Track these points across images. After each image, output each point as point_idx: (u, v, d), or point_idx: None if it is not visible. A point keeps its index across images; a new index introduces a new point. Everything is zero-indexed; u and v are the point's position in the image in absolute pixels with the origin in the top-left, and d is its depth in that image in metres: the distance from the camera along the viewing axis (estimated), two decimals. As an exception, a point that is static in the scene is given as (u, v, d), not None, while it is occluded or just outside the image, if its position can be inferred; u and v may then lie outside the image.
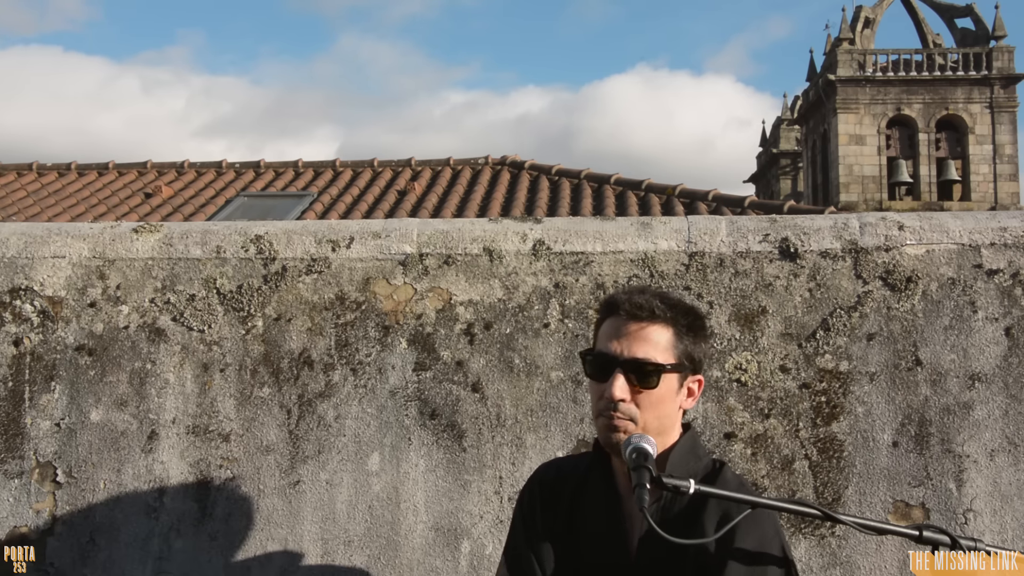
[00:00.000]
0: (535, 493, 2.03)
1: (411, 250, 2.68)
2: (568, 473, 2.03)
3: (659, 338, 1.86)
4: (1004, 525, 2.49)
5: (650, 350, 1.85)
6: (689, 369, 1.90)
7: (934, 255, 2.58)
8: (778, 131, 43.59)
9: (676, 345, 1.87)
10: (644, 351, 1.84)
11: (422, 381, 2.62)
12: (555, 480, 2.03)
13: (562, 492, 2.00)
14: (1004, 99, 32.70)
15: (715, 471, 1.91)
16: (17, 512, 2.63)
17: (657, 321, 1.86)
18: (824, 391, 2.54)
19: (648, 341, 1.85)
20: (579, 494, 1.98)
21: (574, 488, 1.99)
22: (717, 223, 2.65)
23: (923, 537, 1.73)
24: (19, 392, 2.66)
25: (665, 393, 1.86)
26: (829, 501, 2.51)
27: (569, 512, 1.97)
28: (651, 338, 1.85)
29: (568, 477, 2.02)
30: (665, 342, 1.86)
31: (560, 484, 2.01)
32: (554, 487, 2.02)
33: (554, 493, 2.01)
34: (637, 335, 1.85)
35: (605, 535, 1.92)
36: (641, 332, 1.86)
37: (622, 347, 1.86)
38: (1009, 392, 2.51)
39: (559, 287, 2.63)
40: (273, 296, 2.67)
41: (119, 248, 2.72)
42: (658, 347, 1.85)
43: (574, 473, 2.02)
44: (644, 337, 1.85)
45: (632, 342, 1.85)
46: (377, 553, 2.57)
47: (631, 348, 1.85)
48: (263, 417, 2.63)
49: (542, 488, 2.03)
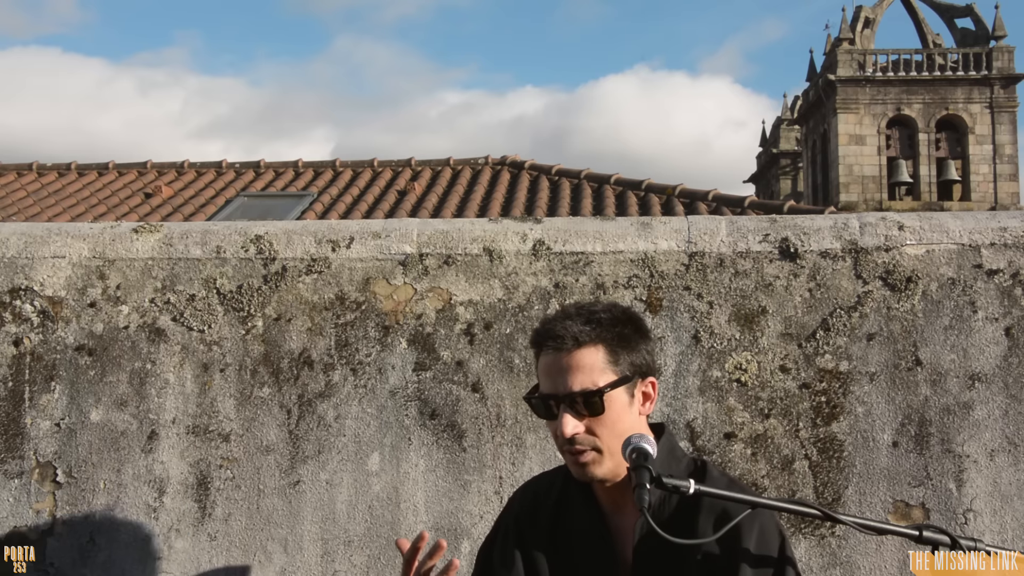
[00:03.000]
0: (510, 530, 1.97)
1: (411, 250, 2.68)
2: (543, 499, 1.97)
3: (591, 361, 1.79)
4: (1004, 525, 2.49)
5: (585, 379, 1.78)
6: (637, 375, 1.84)
7: (934, 255, 2.58)
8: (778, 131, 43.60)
9: (611, 360, 1.80)
10: (579, 382, 1.78)
11: (422, 381, 2.62)
12: (531, 509, 1.97)
13: (539, 519, 1.95)
14: (1004, 99, 32.71)
15: (700, 470, 1.87)
16: (17, 512, 2.63)
17: (584, 345, 1.79)
18: (824, 391, 2.54)
19: (581, 369, 1.78)
20: (558, 517, 1.94)
21: (551, 512, 1.95)
22: (717, 223, 2.66)
23: (923, 537, 1.73)
24: (19, 392, 2.66)
25: (618, 411, 1.80)
26: (829, 501, 2.51)
27: (550, 538, 1.92)
28: (583, 364, 1.79)
29: (543, 504, 1.97)
30: (600, 363, 1.79)
31: (536, 512, 1.96)
32: (532, 515, 1.96)
33: (532, 522, 1.95)
34: (569, 366, 1.79)
35: (595, 555, 1.87)
36: (571, 361, 1.79)
37: (557, 384, 1.79)
38: (1009, 392, 2.51)
39: (559, 287, 2.63)
40: (273, 296, 2.67)
41: (119, 248, 2.72)
42: (593, 371, 1.79)
43: (548, 495, 1.97)
44: (576, 366, 1.78)
45: (566, 376, 1.79)
46: (377, 553, 2.57)
47: (566, 383, 1.78)
48: (263, 417, 2.63)
49: (517, 523, 1.97)
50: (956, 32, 34.29)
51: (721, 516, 1.78)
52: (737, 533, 1.75)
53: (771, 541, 1.79)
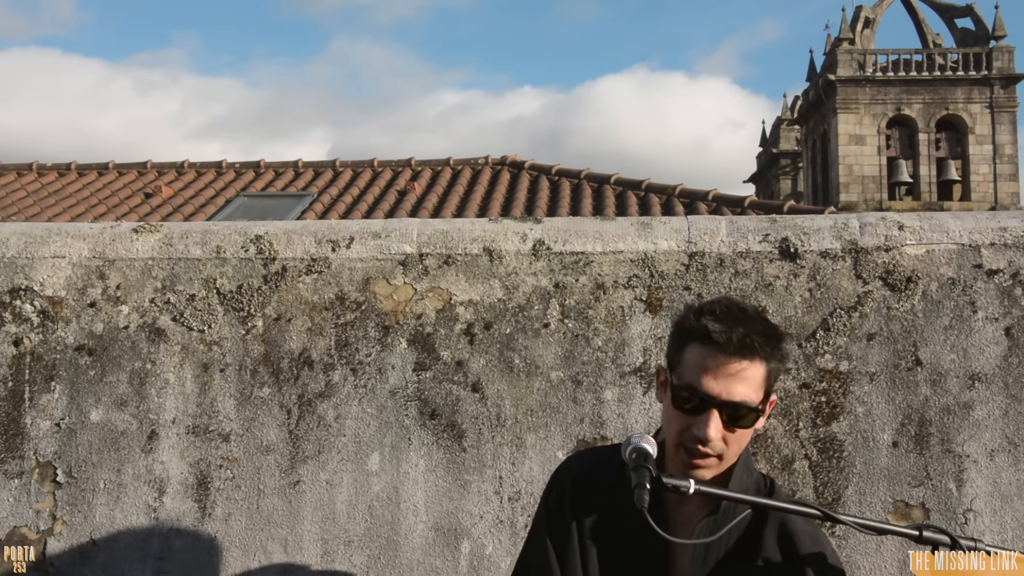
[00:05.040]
0: (565, 492, 1.88)
1: (411, 250, 2.67)
2: (600, 476, 1.88)
3: (756, 375, 1.74)
4: (1004, 525, 2.49)
5: (749, 392, 1.73)
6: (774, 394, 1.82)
7: (934, 255, 2.58)
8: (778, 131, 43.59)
9: (769, 379, 1.77)
10: (743, 394, 1.72)
11: (422, 381, 2.62)
12: (588, 481, 1.88)
13: (595, 496, 1.87)
14: (1004, 99, 32.69)
15: (769, 486, 1.87)
16: (17, 512, 2.63)
17: (756, 358, 1.74)
18: (824, 391, 2.54)
19: (747, 382, 1.73)
20: (609, 505, 1.85)
21: (605, 495, 1.86)
22: (717, 223, 2.65)
23: (923, 537, 1.73)
24: (19, 392, 2.66)
25: (754, 426, 1.79)
26: (829, 501, 2.51)
27: (598, 522, 1.85)
28: (750, 379, 1.73)
29: (599, 481, 1.87)
30: (761, 379, 1.75)
31: (593, 486, 1.87)
32: (588, 488, 1.87)
33: (588, 494, 1.86)
34: (737, 376, 1.73)
35: (644, 551, 1.82)
36: (741, 373, 1.73)
37: (720, 388, 1.72)
38: (1009, 392, 2.51)
39: (559, 287, 2.62)
40: (273, 296, 2.67)
41: (119, 248, 2.72)
42: (756, 387, 1.74)
43: (605, 476, 1.87)
44: (744, 378, 1.73)
45: (731, 383, 1.72)
46: (377, 553, 2.57)
47: (730, 390, 1.72)
48: (263, 417, 2.63)
49: (574, 487, 1.87)
50: (956, 32, 34.27)
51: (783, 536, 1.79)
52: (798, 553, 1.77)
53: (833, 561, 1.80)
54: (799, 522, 1.81)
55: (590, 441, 2.55)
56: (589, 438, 2.55)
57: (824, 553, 1.80)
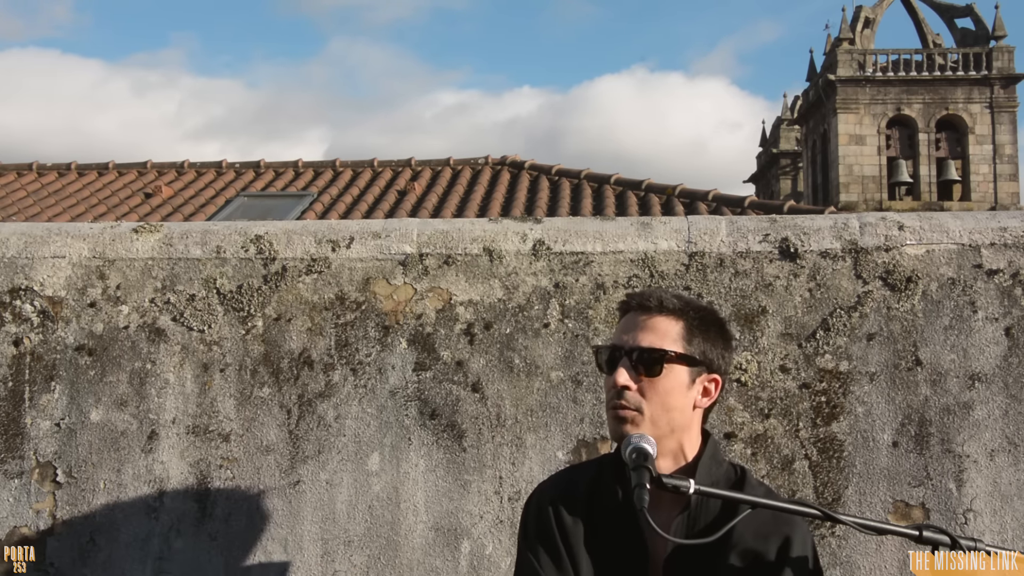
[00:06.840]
0: (544, 508, 1.90)
1: (411, 250, 2.68)
2: (574, 493, 1.92)
3: (667, 329, 1.85)
4: (1004, 525, 2.49)
5: (655, 339, 1.84)
6: (702, 366, 1.86)
7: (934, 255, 2.58)
8: (778, 131, 43.60)
9: (686, 338, 1.85)
10: (649, 340, 1.83)
11: (422, 381, 2.62)
12: (564, 497, 1.92)
13: (573, 509, 1.90)
14: (1004, 99, 32.70)
15: (740, 477, 1.88)
16: (17, 512, 2.63)
17: (666, 313, 1.86)
18: (824, 391, 2.54)
19: (655, 331, 1.84)
20: (591, 503, 1.89)
21: (586, 497, 1.90)
22: (717, 223, 2.66)
23: (923, 537, 1.73)
24: (19, 392, 2.66)
25: (673, 385, 1.83)
26: (829, 501, 2.51)
27: (580, 532, 1.87)
28: (658, 328, 1.85)
29: (574, 497, 1.91)
30: (674, 333, 1.85)
31: (570, 501, 1.91)
32: (566, 503, 1.91)
33: (566, 508, 1.90)
34: (644, 325, 1.85)
35: (626, 547, 1.84)
36: (649, 322, 1.85)
37: (627, 337, 1.86)
38: (1009, 392, 2.51)
39: (559, 287, 2.63)
40: (273, 296, 2.67)
41: (119, 248, 2.72)
42: (666, 337, 1.84)
43: (581, 482, 1.93)
44: (651, 327, 1.85)
45: (639, 332, 1.85)
46: (377, 553, 2.57)
47: (636, 337, 1.84)
48: (263, 417, 2.63)
49: (552, 503, 1.90)
50: (956, 32, 34.28)
51: (761, 523, 1.79)
52: (788, 545, 1.78)
53: (808, 553, 1.81)
54: (768, 511, 1.79)
55: (590, 441, 2.55)
56: (589, 438, 2.55)
57: (791, 537, 1.79)
